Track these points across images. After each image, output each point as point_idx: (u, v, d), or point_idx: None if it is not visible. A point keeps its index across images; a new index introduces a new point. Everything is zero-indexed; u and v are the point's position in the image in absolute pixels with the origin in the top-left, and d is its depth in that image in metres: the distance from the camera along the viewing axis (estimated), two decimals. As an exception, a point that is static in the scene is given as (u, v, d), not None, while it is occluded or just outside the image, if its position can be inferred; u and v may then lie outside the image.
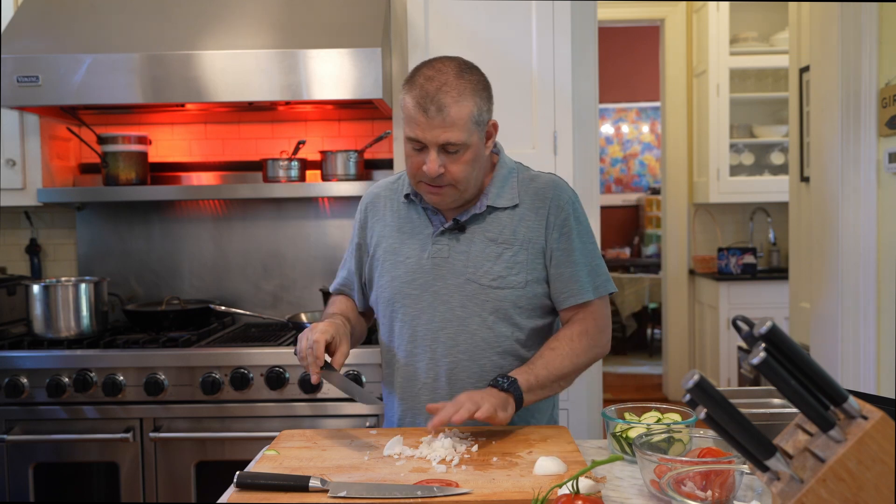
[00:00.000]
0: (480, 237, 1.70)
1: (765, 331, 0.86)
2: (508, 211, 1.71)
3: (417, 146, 1.61)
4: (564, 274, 1.70)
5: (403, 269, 1.73)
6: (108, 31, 2.61)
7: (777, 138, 5.29)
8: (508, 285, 1.68)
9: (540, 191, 1.72)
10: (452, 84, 1.58)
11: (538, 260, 1.70)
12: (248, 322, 3.02)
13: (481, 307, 1.68)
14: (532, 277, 1.69)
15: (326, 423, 2.44)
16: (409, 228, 1.75)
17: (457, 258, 1.69)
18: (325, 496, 1.27)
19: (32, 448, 2.47)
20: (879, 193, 2.73)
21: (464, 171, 1.62)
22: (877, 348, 2.76)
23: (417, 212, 1.75)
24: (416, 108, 1.58)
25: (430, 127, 1.57)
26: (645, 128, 8.94)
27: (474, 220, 1.71)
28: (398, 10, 2.75)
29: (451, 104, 1.57)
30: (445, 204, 1.69)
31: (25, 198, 2.80)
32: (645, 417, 1.52)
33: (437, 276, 1.70)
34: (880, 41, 2.69)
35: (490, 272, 1.68)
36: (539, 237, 1.70)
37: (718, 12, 5.12)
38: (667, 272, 5.69)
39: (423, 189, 1.67)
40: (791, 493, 0.88)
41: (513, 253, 1.69)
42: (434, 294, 1.70)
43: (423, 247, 1.72)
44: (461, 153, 1.61)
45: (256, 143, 3.09)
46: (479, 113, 1.62)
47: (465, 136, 1.59)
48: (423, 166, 1.61)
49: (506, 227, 1.70)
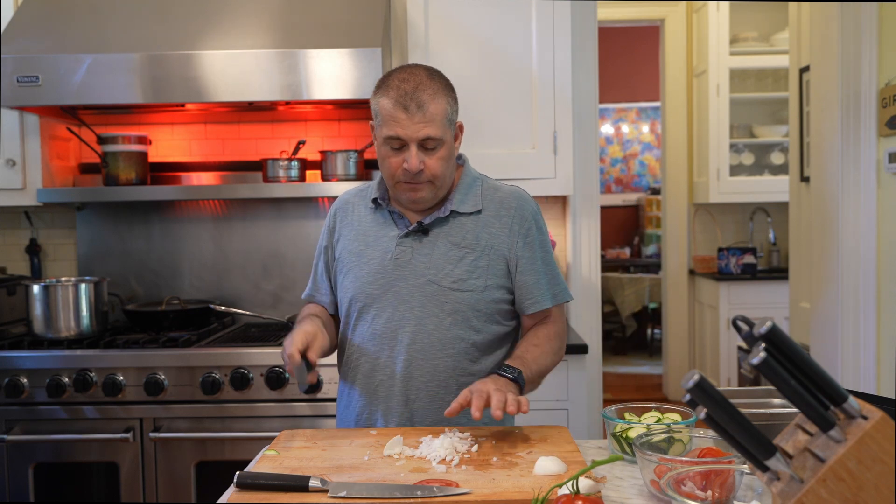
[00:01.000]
0: (444, 241, 1.75)
1: (765, 331, 0.86)
2: (472, 217, 1.77)
3: (396, 146, 1.68)
4: (528, 282, 1.77)
5: (367, 269, 1.77)
6: (108, 31, 2.61)
7: (777, 138, 5.29)
8: (468, 288, 1.73)
9: (504, 200, 1.79)
10: (426, 84, 1.68)
11: (500, 266, 1.75)
12: (248, 322, 3.01)
13: (440, 308, 1.73)
14: (492, 283, 1.74)
15: (326, 423, 2.44)
16: (375, 232, 1.80)
17: (419, 260, 1.74)
18: (326, 496, 1.28)
19: (32, 448, 2.47)
20: (879, 193, 2.73)
21: (441, 166, 1.70)
22: (877, 348, 2.76)
23: (384, 216, 1.80)
24: (396, 106, 1.65)
25: (411, 123, 1.65)
26: (645, 128, 8.94)
27: (438, 223, 1.76)
28: (398, 10, 2.75)
29: (428, 101, 1.65)
30: (423, 202, 1.73)
31: (25, 198, 2.80)
32: (645, 417, 1.52)
33: (398, 277, 1.74)
34: (880, 41, 2.69)
35: (451, 274, 1.73)
36: (502, 244, 1.76)
37: (718, 12, 5.12)
38: (667, 272, 5.69)
39: (401, 189, 1.72)
40: (791, 493, 0.88)
41: (474, 257, 1.74)
42: (395, 294, 1.74)
43: (387, 248, 1.77)
44: (438, 149, 1.68)
45: (256, 143, 3.09)
46: (451, 112, 1.71)
47: (442, 132, 1.67)
48: (404, 164, 1.67)
49: (469, 232, 1.75)
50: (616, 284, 7.01)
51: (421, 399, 1.74)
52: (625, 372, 6.76)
